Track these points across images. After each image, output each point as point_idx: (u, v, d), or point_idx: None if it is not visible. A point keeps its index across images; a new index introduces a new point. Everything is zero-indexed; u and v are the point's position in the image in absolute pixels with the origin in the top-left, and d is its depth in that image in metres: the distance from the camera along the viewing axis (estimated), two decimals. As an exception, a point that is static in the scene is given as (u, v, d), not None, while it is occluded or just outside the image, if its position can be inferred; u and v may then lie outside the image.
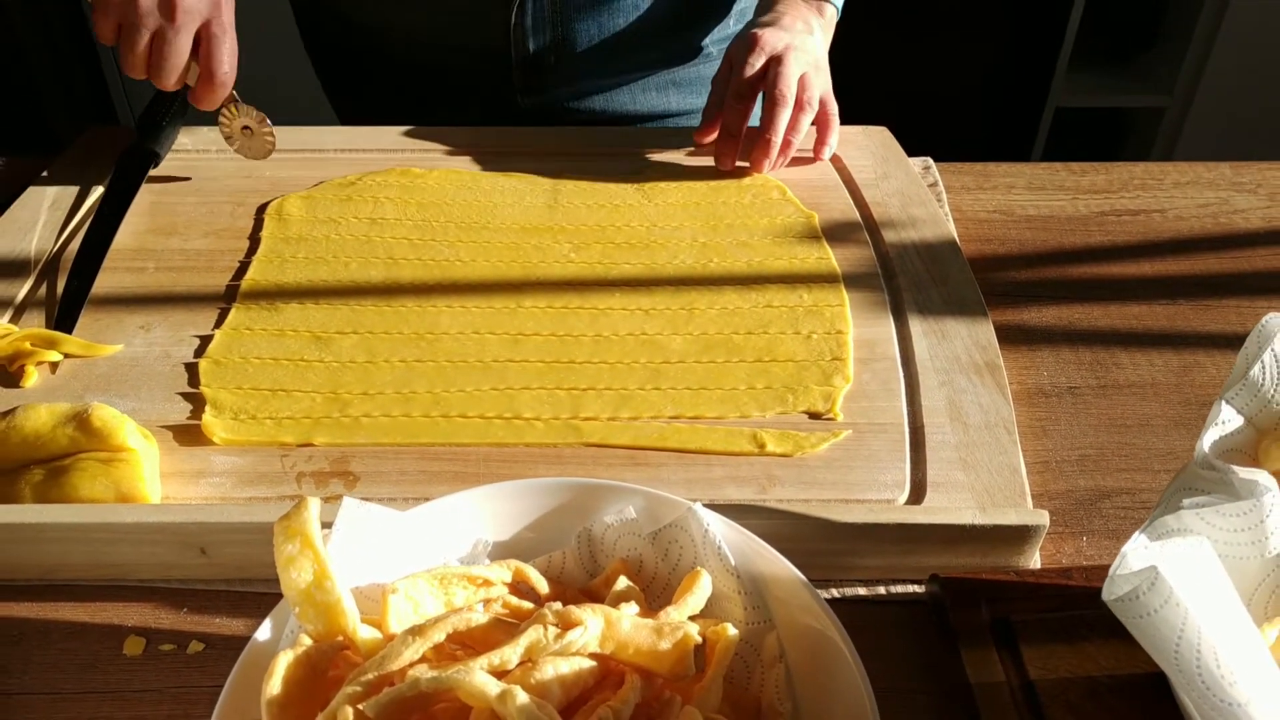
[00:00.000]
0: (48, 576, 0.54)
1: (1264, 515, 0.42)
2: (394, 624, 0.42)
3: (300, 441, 0.59)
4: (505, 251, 0.73)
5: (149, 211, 0.78)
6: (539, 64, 0.91)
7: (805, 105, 0.78)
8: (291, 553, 0.42)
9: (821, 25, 0.84)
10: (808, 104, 0.79)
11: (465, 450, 0.59)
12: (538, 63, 0.91)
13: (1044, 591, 0.51)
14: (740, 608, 0.46)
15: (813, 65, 0.80)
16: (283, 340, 0.66)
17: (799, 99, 0.78)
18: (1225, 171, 0.85)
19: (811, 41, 0.82)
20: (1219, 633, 0.37)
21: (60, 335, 0.65)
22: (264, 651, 0.43)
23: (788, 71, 0.78)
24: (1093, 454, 0.61)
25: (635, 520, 0.48)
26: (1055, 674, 0.47)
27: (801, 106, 0.78)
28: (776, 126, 0.78)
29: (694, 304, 0.69)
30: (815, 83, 0.79)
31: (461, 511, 0.49)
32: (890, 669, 0.50)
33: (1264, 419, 0.47)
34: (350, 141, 0.86)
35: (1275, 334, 0.47)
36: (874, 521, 0.53)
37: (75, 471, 0.54)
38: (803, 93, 0.78)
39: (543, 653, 0.40)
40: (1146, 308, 0.72)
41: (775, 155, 0.79)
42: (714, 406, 0.61)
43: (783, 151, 0.79)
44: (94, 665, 0.50)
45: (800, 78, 0.79)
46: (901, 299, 0.69)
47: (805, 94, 0.78)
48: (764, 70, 0.79)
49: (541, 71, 0.92)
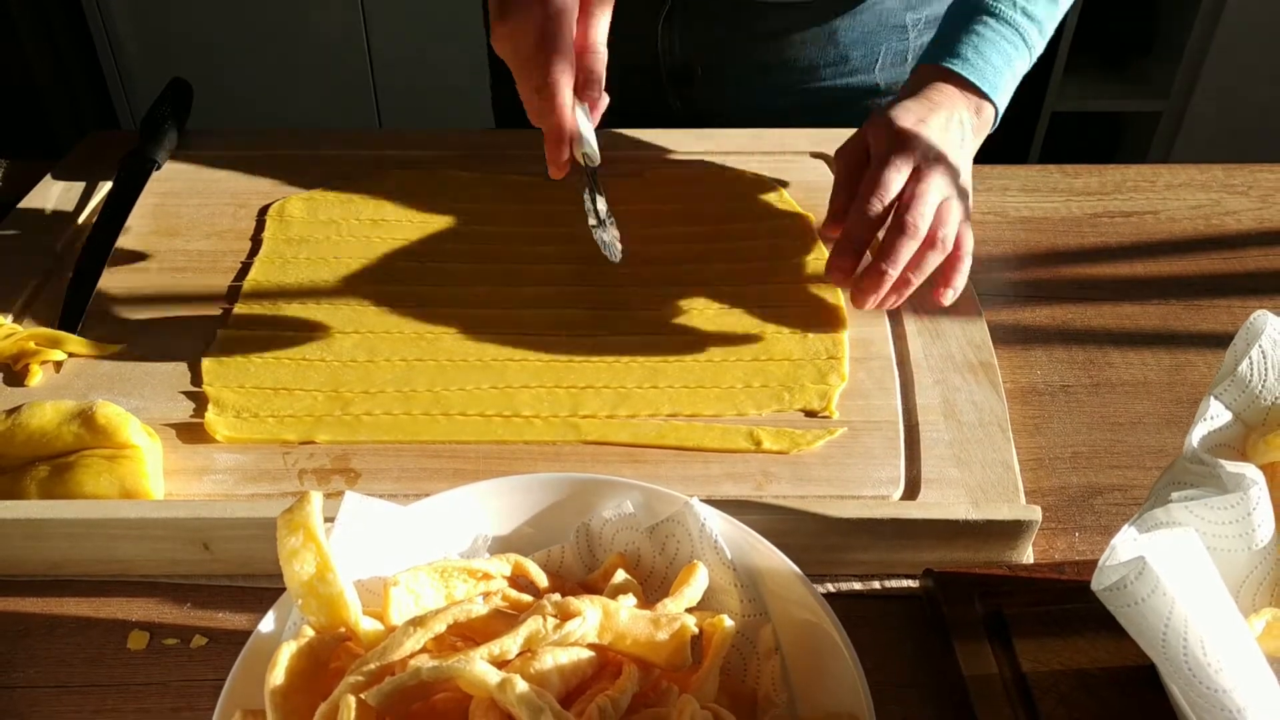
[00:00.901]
0: (53, 572, 0.54)
1: (1251, 508, 0.43)
2: (395, 616, 0.43)
3: (302, 439, 0.60)
4: (504, 251, 0.74)
5: (151, 213, 0.78)
6: (687, 75, 0.92)
7: (937, 244, 0.65)
8: (294, 546, 0.42)
9: (974, 129, 0.72)
10: (940, 243, 0.66)
11: (465, 447, 0.60)
12: (686, 74, 0.92)
13: (1037, 586, 0.52)
14: (736, 601, 0.47)
15: (955, 191, 0.68)
16: (284, 339, 0.66)
17: (931, 234, 0.65)
18: (1217, 174, 0.86)
19: (961, 153, 0.70)
20: (1205, 621, 0.38)
21: (65, 335, 0.66)
22: (267, 643, 0.43)
23: (926, 197, 0.66)
24: (1085, 451, 0.62)
25: (633, 515, 0.49)
26: (1047, 666, 0.48)
27: (933, 243, 0.65)
28: (897, 259, 0.65)
29: (691, 303, 0.70)
30: (953, 217, 0.66)
31: (462, 506, 0.50)
32: (885, 662, 0.51)
33: (1252, 414, 0.48)
34: (350, 143, 0.86)
35: (1263, 330, 0.48)
36: (869, 517, 0.53)
37: (80, 468, 0.55)
38: (938, 228, 0.66)
39: (542, 643, 0.40)
40: (1139, 307, 0.73)
41: (886, 292, 0.65)
42: (711, 405, 0.62)
43: (897, 289, 0.66)
44: (98, 659, 0.51)
45: (939, 208, 0.66)
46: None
47: (940, 230, 0.66)
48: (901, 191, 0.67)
49: (691, 83, 0.93)
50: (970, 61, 0.72)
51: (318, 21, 1.98)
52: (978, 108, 0.72)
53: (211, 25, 1.98)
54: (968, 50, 0.72)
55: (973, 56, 0.72)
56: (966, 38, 0.73)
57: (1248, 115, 2.08)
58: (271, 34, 2.00)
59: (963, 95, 0.72)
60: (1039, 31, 0.74)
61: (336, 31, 1.99)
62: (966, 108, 0.72)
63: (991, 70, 0.72)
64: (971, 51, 0.72)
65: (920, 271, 0.65)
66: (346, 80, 2.05)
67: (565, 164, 0.62)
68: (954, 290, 0.68)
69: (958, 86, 0.72)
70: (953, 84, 0.72)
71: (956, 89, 0.72)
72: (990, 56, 0.72)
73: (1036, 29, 0.73)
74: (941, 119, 0.70)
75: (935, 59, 0.73)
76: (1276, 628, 0.42)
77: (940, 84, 0.72)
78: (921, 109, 0.70)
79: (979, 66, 0.72)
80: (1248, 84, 2.05)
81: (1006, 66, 0.73)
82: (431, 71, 1.99)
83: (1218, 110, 2.09)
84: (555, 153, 0.61)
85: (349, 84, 2.06)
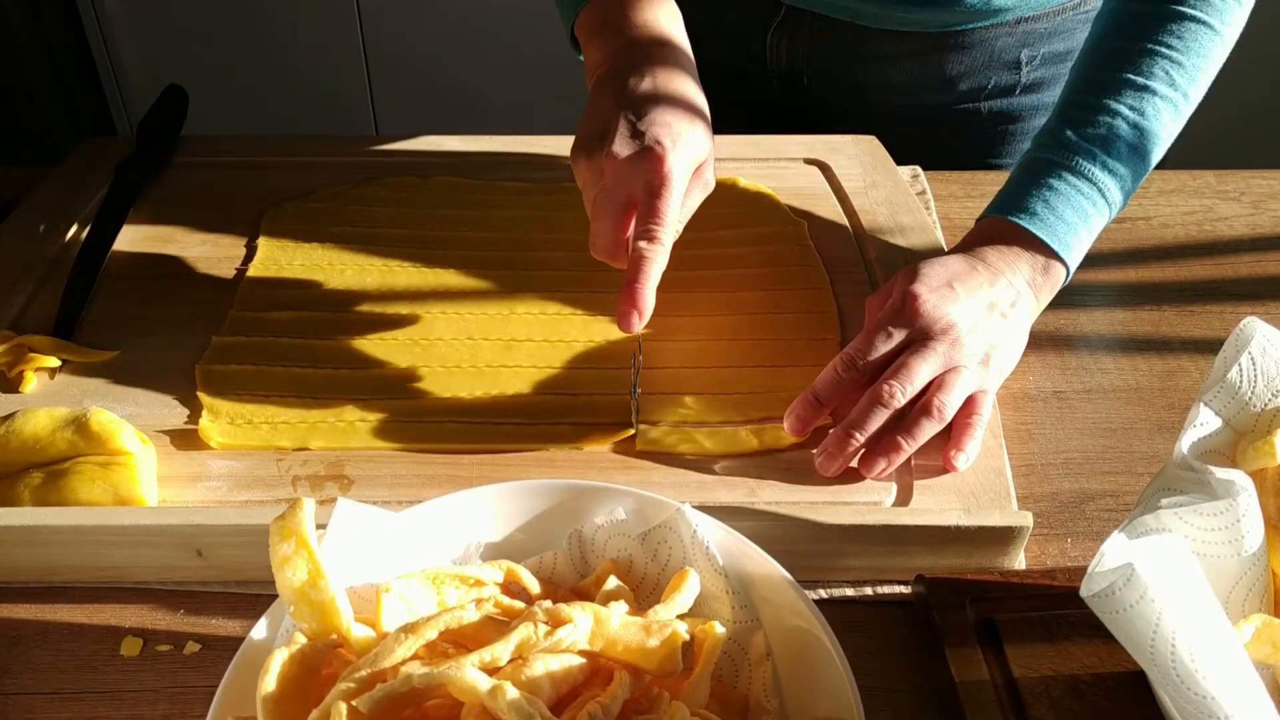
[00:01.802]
0: (46, 578, 0.54)
1: (1240, 515, 0.43)
2: (387, 622, 0.43)
3: (296, 446, 0.60)
4: (498, 258, 0.74)
5: (147, 220, 0.78)
6: (793, 80, 0.93)
7: (932, 411, 0.58)
8: (286, 552, 0.42)
9: (1036, 289, 0.64)
10: (937, 411, 0.58)
11: (458, 454, 0.60)
12: (791, 79, 0.93)
13: (1028, 592, 0.52)
14: (728, 607, 0.47)
15: (970, 361, 0.60)
16: (278, 346, 0.67)
17: (926, 402, 0.58)
18: (1209, 180, 0.86)
19: (1000, 324, 0.61)
20: (1193, 627, 0.38)
21: (59, 341, 0.66)
22: (260, 650, 0.44)
23: (916, 369, 0.58)
24: (1077, 457, 0.62)
25: (625, 521, 0.49)
26: (1039, 672, 0.48)
27: (927, 411, 0.58)
28: (863, 426, 0.58)
29: (684, 310, 0.70)
30: (958, 384, 0.59)
31: (454, 513, 0.50)
32: (876, 668, 0.51)
33: (1241, 421, 0.48)
34: (346, 150, 0.86)
35: (1253, 337, 0.48)
36: (861, 523, 0.54)
37: (73, 475, 0.55)
38: (934, 395, 0.58)
39: (533, 650, 0.41)
40: (1131, 313, 0.73)
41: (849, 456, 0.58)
42: (704, 411, 0.62)
43: (886, 453, 0.58)
44: (91, 666, 0.51)
45: (941, 377, 0.59)
46: (890, 305, 0.70)
47: (938, 396, 0.58)
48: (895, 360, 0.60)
49: (796, 91, 0.93)
50: (1040, 216, 0.64)
51: (314, 29, 1.98)
52: (1045, 267, 0.64)
53: (208, 33, 1.98)
54: (1037, 204, 0.65)
55: (1042, 211, 0.65)
56: (1037, 191, 0.65)
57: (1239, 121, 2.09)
58: (268, 41, 2.00)
59: (1028, 254, 0.64)
60: (1120, 189, 0.66)
61: (333, 39, 1.99)
62: (1029, 268, 0.64)
63: (1064, 227, 0.64)
64: (1041, 206, 0.65)
65: (913, 438, 0.57)
66: (343, 87, 2.06)
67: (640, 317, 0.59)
68: (964, 454, 0.58)
69: (1023, 244, 0.64)
70: (1017, 241, 0.65)
71: (1021, 247, 0.64)
72: (1063, 212, 0.65)
73: (1118, 185, 0.65)
74: (977, 284, 0.62)
75: (1001, 212, 0.66)
76: (1265, 634, 0.42)
77: (1000, 242, 0.65)
78: (957, 272, 0.62)
79: (1049, 222, 0.64)
80: (1239, 90, 2.05)
81: (1082, 223, 0.65)
82: (428, 79, 2.00)
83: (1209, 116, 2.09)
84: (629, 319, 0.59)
85: (345, 91, 2.06)
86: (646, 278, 0.59)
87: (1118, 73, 0.66)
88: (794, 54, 0.91)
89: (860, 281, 0.73)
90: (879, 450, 0.58)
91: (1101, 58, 0.68)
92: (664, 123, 0.60)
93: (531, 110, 1.97)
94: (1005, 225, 0.65)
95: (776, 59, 0.92)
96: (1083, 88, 0.68)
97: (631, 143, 0.60)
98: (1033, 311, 0.65)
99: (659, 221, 0.59)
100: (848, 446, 0.58)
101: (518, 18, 1.88)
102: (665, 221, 0.59)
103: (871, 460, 0.58)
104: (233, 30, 1.98)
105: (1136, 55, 0.66)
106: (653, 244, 0.59)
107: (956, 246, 0.67)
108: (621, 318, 0.58)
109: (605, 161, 0.60)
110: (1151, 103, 0.66)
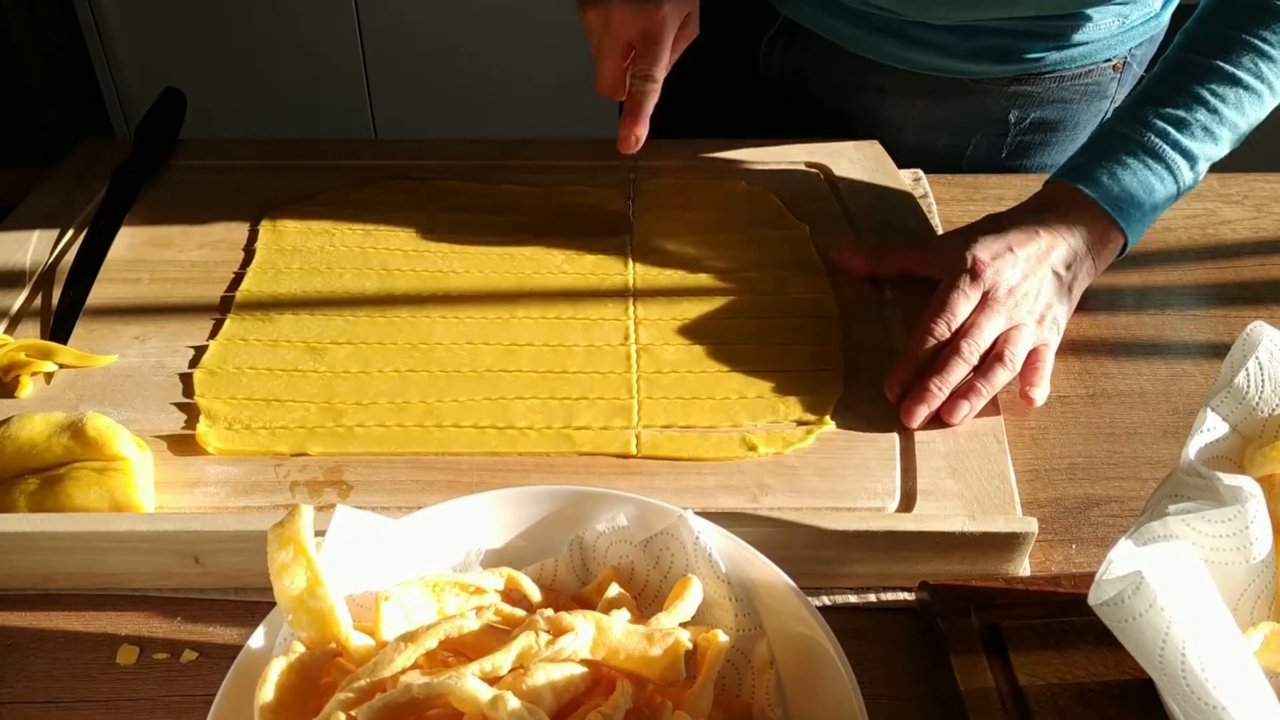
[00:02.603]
0: (42, 585, 0.54)
1: (1248, 521, 0.43)
2: (387, 631, 0.43)
3: (294, 451, 0.59)
4: (498, 262, 0.74)
5: (144, 223, 0.78)
6: (782, 90, 0.93)
7: (1004, 360, 0.63)
8: (285, 560, 0.42)
9: (1096, 256, 0.67)
10: (1009, 360, 0.63)
11: (458, 459, 0.59)
12: (780, 89, 0.93)
13: (1033, 598, 0.52)
14: (731, 614, 0.46)
15: (1030, 319, 0.65)
16: (277, 351, 0.66)
17: (999, 352, 0.63)
18: (1212, 183, 0.86)
19: (1057, 287, 0.66)
20: (1202, 636, 0.38)
21: (55, 346, 0.65)
22: (257, 659, 0.43)
23: (985, 327, 0.63)
24: (1082, 462, 0.62)
25: (627, 528, 0.49)
26: (1044, 680, 0.48)
27: (1000, 359, 0.63)
28: (947, 379, 0.62)
29: (686, 314, 0.69)
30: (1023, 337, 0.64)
31: (454, 519, 0.49)
32: (880, 676, 0.50)
33: (1248, 426, 0.48)
34: (345, 153, 0.86)
35: (1260, 342, 0.47)
36: (864, 529, 0.53)
37: (69, 481, 0.55)
38: (1004, 347, 0.63)
39: (534, 659, 0.40)
40: (1135, 317, 0.73)
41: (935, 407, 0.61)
42: (706, 415, 0.62)
43: (967, 396, 0.61)
44: (88, 674, 0.50)
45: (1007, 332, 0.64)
46: (892, 309, 0.70)
47: (1008, 348, 0.63)
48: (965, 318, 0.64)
49: (782, 104, 0.94)
50: (1104, 186, 0.67)
51: (313, 32, 1.98)
52: (1103, 236, 0.67)
53: (206, 35, 1.98)
54: (1103, 174, 0.67)
55: (1107, 181, 0.67)
56: (1106, 162, 0.68)
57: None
58: (266, 44, 2.00)
59: (1090, 221, 0.67)
60: (1191, 168, 0.68)
61: (331, 42, 1.99)
62: (1087, 235, 0.67)
63: (1129, 201, 0.67)
64: (1107, 176, 0.67)
65: (990, 384, 0.62)
66: (341, 90, 2.05)
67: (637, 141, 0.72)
68: (1039, 389, 0.63)
69: (1084, 211, 0.67)
70: (1079, 207, 0.67)
71: (1082, 213, 0.67)
72: (1128, 184, 0.67)
73: (1190, 165, 0.67)
74: (1038, 247, 0.66)
75: (1069, 178, 0.69)
76: (1274, 642, 0.42)
77: (1065, 205, 0.68)
78: (1021, 232, 0.66)
79: (1114, 192, 0.67)
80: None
81: (1146, 196, 0.67)
82: (426, 82, 1.99)
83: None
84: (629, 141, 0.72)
85: (344, 94, 2.06)
86: (644, 109, 0.71)
87: (1205, 57, 0.68)
88: (784, 67, 0.91)
89: (863, 285, 0.72)
90: (959, 395, 0.61)
91: (1191, 40, 0.70)
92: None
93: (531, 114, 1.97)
94: (1070, 191, 0.68)
95: (768, 69, 0.92)
96: (1168, 68, 0.70)
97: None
98: (1089, 275, 0.68)
99: (655, 62, 0.71)
100: (930, 397, 0.61)
101: (518, 22, 1.88)
102: (660, 63, 0.71)
103: (954, 406, 0.61)
104: (231, 33, 1.98)
105: (1227, 43, 0.68)
106: (648, 81, 0.71)
107: (1023, 205, 0.70)
108: (622, 141, 0.72)
109: (612, 10, 0.71)
110: (1234, 90, 0.67)
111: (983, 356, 0.63)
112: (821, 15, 0.86)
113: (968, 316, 0.64)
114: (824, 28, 0.87)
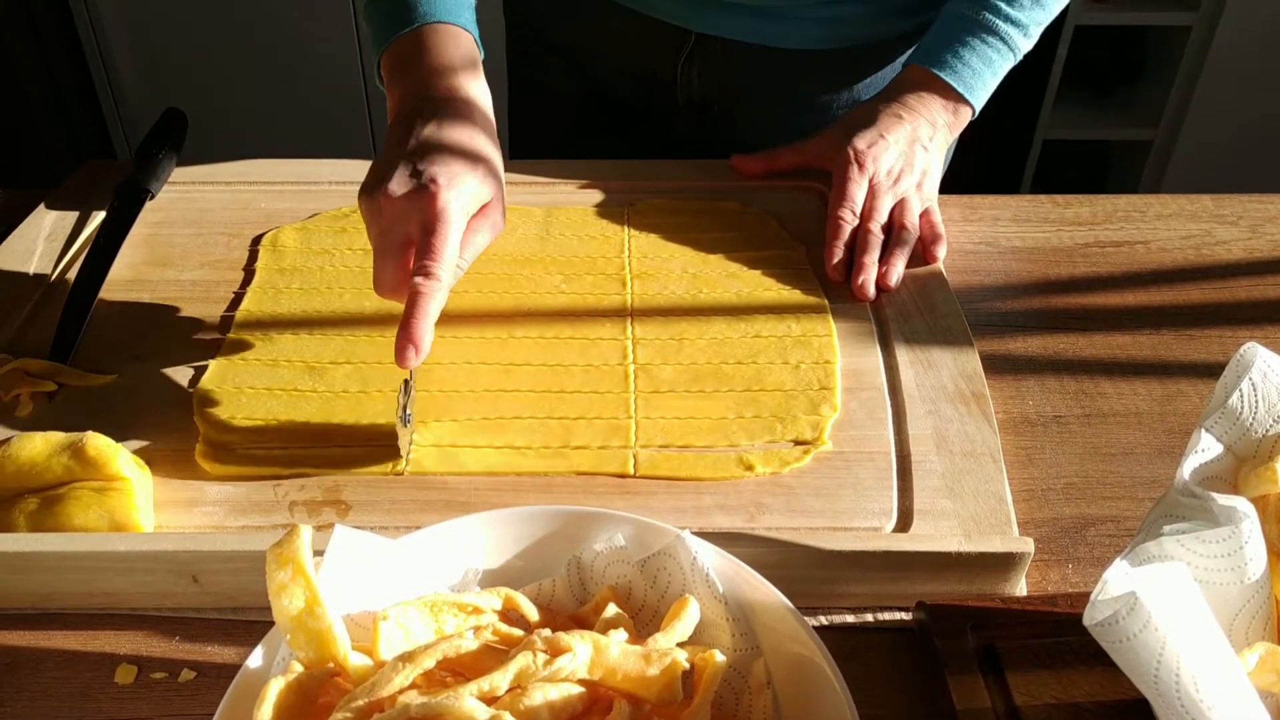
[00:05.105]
0: (40, 604, 0.54)
1: (1242, 542, 0.43)
2: (385, 650, 0.43)
3: (293, 471, 0.59)
4: (497, 282, 0.74)
5: (145, 243, 0.78)
6: (703, 109, 0.94)
7: (905, 230, 0.76)
8: (283, 580, 0.42)
9: (949, 126, 0.81)
10: (908, 228, 0.76)
11: (456, 479, 0.60)
12: (702, 108, 0.94)
13: (1029, 618, 0.52)
14: (728, 634, 0.47)
15: (911, 189, 0.78)
16: (276, 370, 0.66)
17: (898, 227, 0.76)
18: (1207, 204, 0.87)
19: (925, 156, 0.79)
20: (1197, 656, 0.38)
21: (56, 365, 0.66)
22: (256, 678, 0.43)
23: (880, 209, 0.77)
24: (1078, 482, 0.62)
25: (624, 548, 0.49)
26: (1040, 700, 0.48)
27: (901, 229, 0.76)
28: (870, 253, 0.75)
29: (683, 334, 0.70)
30: (912, 209, 0.77)
31: (452, 539, 0.49)
32: (877, 696, 0.50)
33: (1243, 447, 0.48)
34: (344, 173, 0.87)
35: (1254, 362, 0.48)
36: (861, 549, 0.53)
37: (69, 500, 0.55)
38: (900, 219, 0.77)
39: (532, 679, 0.40)
40: (1130, 337, 0.73)
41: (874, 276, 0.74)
42: (703, 435, 0.62)
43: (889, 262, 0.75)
44: (86, 693, 0.50)
45: (897, 206, 0.77)
46: (888, 329, 0.70)
47: (903, 219, 0.77)
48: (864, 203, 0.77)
49: (706, 117, 0.95)
50: (953, 69, 0.80)
51: (313, 52, 1.99)
52: (955, 110, 0.81)
53: (207, 56, 1.99)
54: (949, 55, 0.80)
55: (956, 64, 0.80)
56: (953, 45, 0.80)
57: (1235, 144, 2.10)
58: (267, 64, 2.01)
59: (940, 98, 0.81)
60: (1024, 35, 0.81)
61: (332, 62, 2.00)
62: (944, 110, 0.81)
63: (972, 75, 0.80)
64: (952, 56, 0.80)
65: (903, 247, 0.75)
66: (342, 110, 2.06)
67: (416, 353, 0.59)
68: (939, 248, 0.77)
69: (937, 90, 0.81)
70: (932, 87, 0.81)
71: (935, 93, 0.81)
72: (972, 62, 0.80)
73: (1021, 34, 0.80)
74: (906, 130, 0.79)
75: (922, 61, 0.81)
76: (1268, 662, 0.42)
77: (922, 90, 0.81)
78: (887, 120, 0.79)
79: (960, 72, 0.80)
80: (1235, 113, 2.06)
81: (988, 69, 0.81)
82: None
83: (1206, 139, 2.10)
84: (405, 355, 0.59)
85: (344, 114, 2.07)
86: (424, 314, 0.59)
87: None
88: (705, 82, 0.92)
89: (859, 305, 0.73)
90: (884, 263, 0.74)
91: None
92: (442, 163, 0.62)
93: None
94: (923, 74, 0.81)
95: (687, 87, 0.93)
96: None
97: (409, 182, 0.62)
98: (945, 143, 0.82)
99: (435, 258, 0.60)
100: (868, 269, 0.73)
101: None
102: (441, 258, 0.60)
103: (887, 272, 0.74)
104: (232, 54, 1.99)
105: None
106: (429, 280, 0.60)
107: (883, 92, 0.83)
108: (399, 354, 0.59)
109: (383, 201, 0.62)
110: None
111: (885, 228, 0.76)
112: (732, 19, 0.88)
113: (864, 201, 0.77)
114: (737, 29, 0.88)
